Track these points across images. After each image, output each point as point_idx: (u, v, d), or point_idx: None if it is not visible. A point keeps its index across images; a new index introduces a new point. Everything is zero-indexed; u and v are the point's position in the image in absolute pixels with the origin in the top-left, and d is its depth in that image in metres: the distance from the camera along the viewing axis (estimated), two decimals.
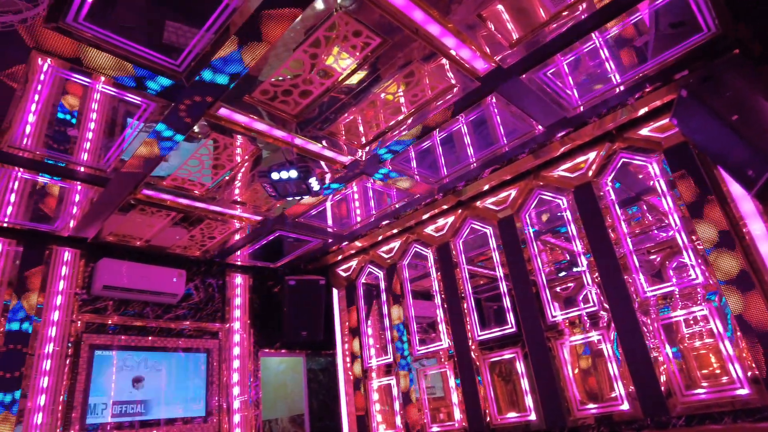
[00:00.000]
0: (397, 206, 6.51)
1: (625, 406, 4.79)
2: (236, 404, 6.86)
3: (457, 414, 6.09)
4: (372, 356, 7.41)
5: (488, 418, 5.75)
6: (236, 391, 6.94)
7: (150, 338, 6.40)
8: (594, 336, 5.16)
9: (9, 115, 3.88)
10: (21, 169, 4.62)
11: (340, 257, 8.03)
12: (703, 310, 4.52)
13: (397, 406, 6.81)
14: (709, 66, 3.99)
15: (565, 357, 5.30)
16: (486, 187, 6.10)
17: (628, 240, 5.10)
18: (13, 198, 5.19)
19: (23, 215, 5.52)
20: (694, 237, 4.62)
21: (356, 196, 6.32)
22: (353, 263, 7.98)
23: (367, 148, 5.03)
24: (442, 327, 6.49)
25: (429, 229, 6.89)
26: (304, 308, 7.51)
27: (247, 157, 4.93)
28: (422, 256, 7.03)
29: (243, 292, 7.59)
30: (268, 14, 3.19)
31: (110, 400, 5.84)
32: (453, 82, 4.23)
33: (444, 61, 3.94)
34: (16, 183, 4.92)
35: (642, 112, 4.85)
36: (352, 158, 5.08)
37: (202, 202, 5.64)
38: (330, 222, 6.82)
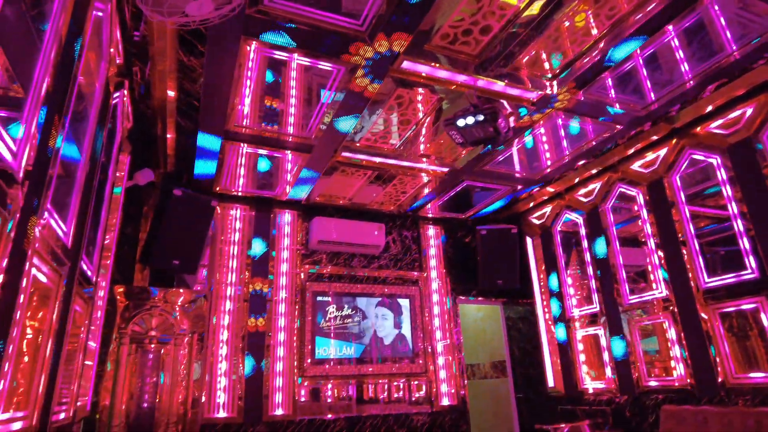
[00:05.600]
0: (594, 143, 5.88)
1: None
2: (439, 347, 7.26)
3: (680, 369, 5.44)
4: (574, 306, 7.03)
5: (721, 377, 5.00)
6: (438, 335, 7.33)
7: (359, 286, 7.12)
8: None
9: (231, 98, 4.52)
10: (245, 144, 5.42)
11: (531, 204, 7.69)
12: None
13: (606, 356, 6.38)
14: None
15: None
16: (709, 109, 5.09)
17: None
18: (242, 171, 6.16)
19: (251, 185, 6.53)
20: None
21: (544, 138, 5.88)
22: (547, 209, 7.56)
23: (556, 81, 4.59)
24: (658, 274, 5.78)
25: (636, 166, 6.09)
26: (498, 257, 7.46)
27: (429, 109, 4.95)
28: (628, 198, 6.28)
29: (436, 243, 7.87)
30: None
31: (331, 339, 6.70)
32: None
33: None
34: (243, 158, 5.81)
35: None
36: (541, 93, 4.70)
37: (392, 159, 5.90)
38: (518, 168, 6.52)
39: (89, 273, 3.82)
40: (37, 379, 2.69)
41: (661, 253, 5.77)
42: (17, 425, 2.46)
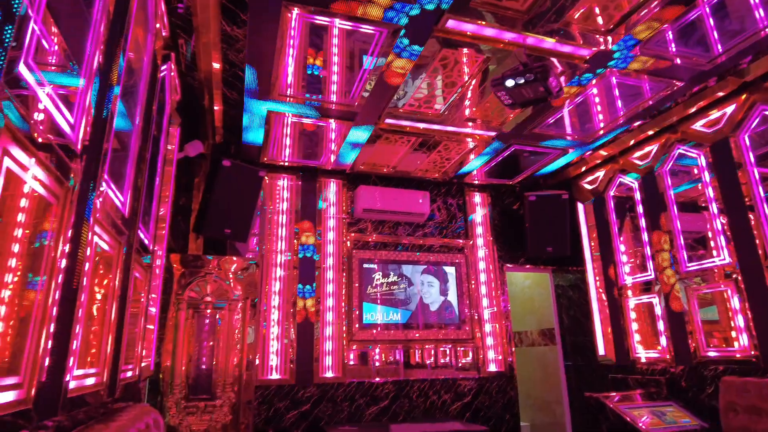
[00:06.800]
0: (651, 102, 5.53)
1: None
2: (486, 315, 7.23)
3: (743, 340, 5.18)
4: (626, 273, 6.79)
5: None
6: (485, 302, 7.30)
7: (404, 253, 7.15)
8: None
9: (275, 68, 4.53)
10: (290, 114, 5.44)
11: (583, 168, 7.39)
12: None
13: (661, 325, 6.16)
14: None
15: None
16: None
17: None
18: (288, 141, 6.21)
19: (297, 154, 6.59)
20: None
21: (597, 99, 5.58)
22: (600, 174, 7.25)
23: (610, 37, 4.31)
24: (720, 241, 5.46)
25: (698, 125, 5.69)
26: (547, 224, 7.26)
27: (475, 70, 4.78)
28: (688, 160, 5.92)
29: (482, 210, 7.74)
30: None
31: (378, 305, 6.80)
32: None
33: None
34: (288, 128, 5.84)
35: None
36: (595, 49, 4.43)
37: (437, 124, 5.78)
38: (569, 130, 6.25)
39: (146, 242, 4.00)
40: (105, 339, 2.87)
41: (723, 219, 5.44)
42: (91, 380, 2.65)
